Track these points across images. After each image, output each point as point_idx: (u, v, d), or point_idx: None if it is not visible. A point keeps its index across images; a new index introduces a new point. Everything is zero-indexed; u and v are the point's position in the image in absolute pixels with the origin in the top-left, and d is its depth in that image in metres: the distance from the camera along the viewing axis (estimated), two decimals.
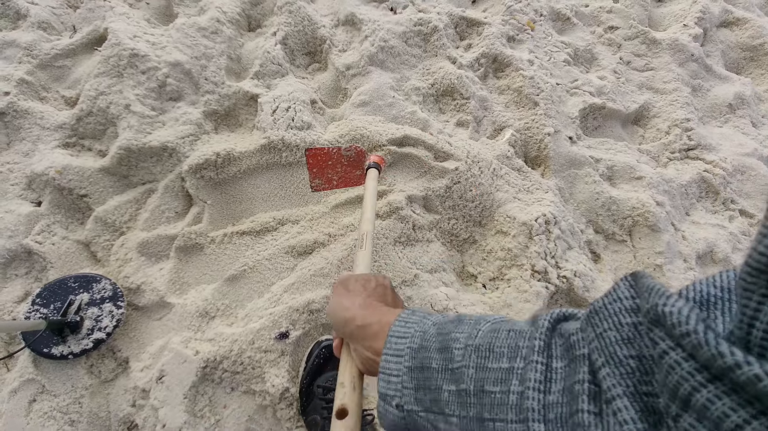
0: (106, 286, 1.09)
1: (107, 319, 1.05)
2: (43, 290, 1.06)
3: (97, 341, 1.03)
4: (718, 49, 1.94)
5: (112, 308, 1.06)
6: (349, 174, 1.15)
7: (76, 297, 1.06)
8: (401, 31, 1.59)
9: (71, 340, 1.01)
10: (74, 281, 1.08)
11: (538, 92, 1.53)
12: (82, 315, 1.04)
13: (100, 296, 1.07)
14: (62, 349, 1.00)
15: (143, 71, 1.33)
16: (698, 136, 1.57)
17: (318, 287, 1.09)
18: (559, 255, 1.21)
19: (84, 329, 1.03)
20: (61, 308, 1.03)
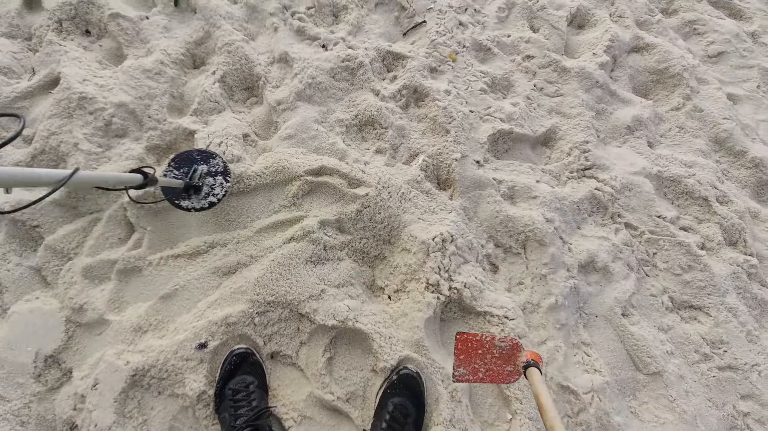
0: (219, 163, 1.39)
1: (218, 188, 1.36)
2: (176, 156, 1.38)
3: (210, 203, 1.34)
4: (627, 73, 2.14)
5: (222, 181, 1.37)
6: (500, 368, 1.03)
7: (198, 167, 1.36)
8: (329, 67, 1.77)
9: (194, 199, 1.34)
10: (197, 154, 1.40)
11: (450, 120, 1.72)
12: (203, 182, 1.34)
13: (215, 169, 1.38)
14: (187, 204, 1.33)
15: (91, 112, 1.50)
16: (594, 156, 1.77)
17: (236, 302, 1.27)
18: (453, 269, 1.40)
19: (202, 192, 1.34)
20: (188, 173, 1.33)
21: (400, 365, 1.26)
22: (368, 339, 1.28)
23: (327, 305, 1.30)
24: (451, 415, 1.20)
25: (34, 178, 0.67)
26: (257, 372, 1.21)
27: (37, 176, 0.68)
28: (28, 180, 0.66)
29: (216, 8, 1.78)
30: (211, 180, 1.36)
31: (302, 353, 1.29)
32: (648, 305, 1.55)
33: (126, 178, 0.97)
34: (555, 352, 1.35)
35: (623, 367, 1.42)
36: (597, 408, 1.28)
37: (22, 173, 0.65)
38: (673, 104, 2.08)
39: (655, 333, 1.49)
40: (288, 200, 1.48)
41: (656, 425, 1.34)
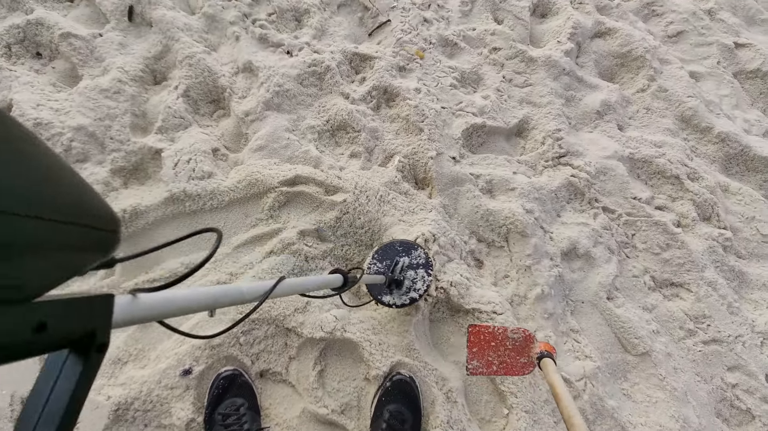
0: (421, 254, 1.30)
1: (420, 282, 1.26)
2: (380, 249, 1.30)
3: (412, 299, 1.24)
4: (592, 59, 2.17)
5: (424, 274, 1.28)
6: (513, 360, 1.04)
7: (400, 260, 1.27)
8: (296, 74, 1.74)
9: (395, 294, 1.25)
10: (399, 245, 1.31)
11: (423, 119, 1.71)
12: (404, 276, 1.26)
13: (416, 262, 1.29)
14: (389, 299, 1.24)
15: (48, 138, 1.43)
16: (567, 144, 1.78)
17: (218, 324, 1.23)
18: (438, 269, 1.39)
19: (404, 287, 1.25)
20: (390, 266, 1.25)
21: (393, 371, 1.24)
22: (358, 347, 1.26)
23: (313, 317, 1.27)
24: (448, 416, 1.19)
25: (236, 295, 0.59)
26: (247, 393, 1.17)
27: (239, 293, 0.60)
28: (231, 299, 0.58)
29: (173, 20, 1.72)
30: (413, 273, 1.27)
31: (292, 368, 1.26)
32: (631, 286, 1.58)
33: (328, 280, 0.88)
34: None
35: (612, 350, 1.44)
36: (591, 394, 1.28)
37: (226, 293, 0.57)
38: (639, 86, 2.12)
39: (640, 313, 1.51)
40: (264, 213, 1.44)
41: (649, 404, 1.36)
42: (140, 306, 0.42)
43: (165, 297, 0.45)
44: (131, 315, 0.41)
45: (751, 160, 1.96)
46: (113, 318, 0.38)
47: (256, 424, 1.13)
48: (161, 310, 0.45)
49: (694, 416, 1.33)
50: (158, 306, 0.44)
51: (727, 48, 2.36)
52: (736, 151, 1.97)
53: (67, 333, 0.32)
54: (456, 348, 1.35)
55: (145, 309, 0.43)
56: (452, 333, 1.38)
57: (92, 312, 0.35)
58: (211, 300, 0.53)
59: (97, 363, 0.35)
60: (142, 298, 0.43)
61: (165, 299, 0.45)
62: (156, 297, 0.44)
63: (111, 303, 0.38)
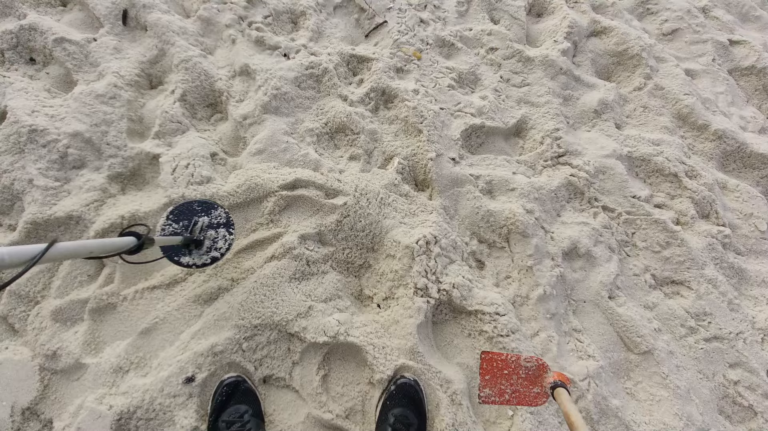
0: (221, 214, 1.25)
1: (221, 242, 1.22)
2: (174, 209, 1.23)
3: (213, 258, 1.19)
4: (588, 57, 2.17)
5: (225, 233, 1.23)
6: (527, 390, 1.00)
7: (199, 219, 1.22)
8: (293, 76, 1.73)
9: (195, 254, 1.19)
10: (198, 205, 1.25)
11: (422, 120, 1.70)
12: (204, 235, 1.21)
13: (217, 221, 1.24)
14: (188, 260, 1.18)
15: (43, 145, 1.41)
16: (566, 143, 1.79)
17: (221, 330, 1.22)
18: (440, 271, 1.38)
19: (204, 247, 1.20)
20: (188, 226, 1.20)
21: (397, 374, 1.23)
22: (362, 351, 1.25)
23: (316, 321, 1.26)
24: (453, 419, 1.18)
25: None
26: (251, 399, 1.17)
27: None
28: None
29: (168, 24, 1.71)
30: (213, 233, 1.22)
31: (296, 374, 1.25)
32: (632, 285, 1.58)
33: (117, 243, 0.83)
34: (548, 342, 1.36)
35: (615, 349, 1.44)
36: (594, 394, 1.29)
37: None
38: (635, 84, 2.13)
39: (642, 311, 1.51)
40: (264, 217, 1.43)
41: (652, 403, 1.36)
42: None
43: None
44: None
45: (748, 156, 1.97)
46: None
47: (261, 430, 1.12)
48: None
49: (697, 413, 1.34)
50: None
51: (722, 45, 2.37)
52: (733, 148, 1.98)
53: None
54: (460, 350, 1.35)
55: None
56: (455, 335, 1.38)
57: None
58: None
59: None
60: None
61: None
62: None
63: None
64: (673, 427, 1.30)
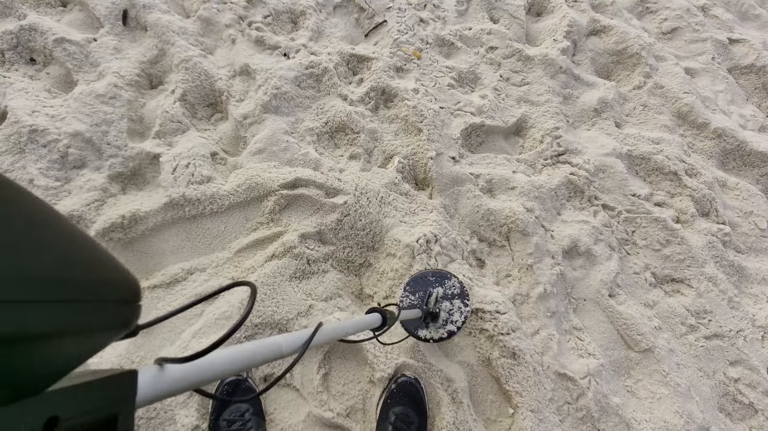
0: (455, 284, 1.24)
1: (457, 314, 1.20)
2: (411, 280, 1.24)
3: (450, 332, 1.18)
4: (588, 56, 2.18)
5: (461, 305, 1.21)
6: None
7: (434, 290, 1.21)
8: (293, 76, 1.73)
9: (431, 327, 1.18)
10: (432, 275, 1.25)
11: (422, 119, 1.70)
12: (440, 308, 1.20)
13: (451, 292, 1.23)
14: (425, 334, 1.18)
15: (44, 145, 1.42)
16: (566, 142, 1.79)
17: (222, 329, 1.22)
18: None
19: (440, 320, 1.19)
20: (424, 298, 1.19)
21: (398, 373, 1.24)
22: (362, 350, 1.25)
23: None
24: (454, 418, 1.19)
25: (274, 350, 0.52)
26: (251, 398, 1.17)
27: (277, 348, 0.53)
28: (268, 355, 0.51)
29: (168, 24, 1.71)
30: (448, 304, 1.21)
31: (296, 372, 1.25)
32: (632, 283, 1.58)
33: (367, 320, 0.83)
34: (549, 341, 1.36)
35: (615, 347, 1.44)
36: (595, 392, 1.29)
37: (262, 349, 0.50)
38: (635, 83, 2.13)
39: (642, 310, 1.51)
40: (265, 216, 1.43)
41: (653, 401, 1.36)
42: (168, 379, 0.37)
43: (196, 366, 0.41)
44: (159, 391, 0.36)
45: (748, 155, 1.97)
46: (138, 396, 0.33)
47: (261, 430, 1.12)
48: (192, 380, 0.40)
49: (698, 411, 1.34)
50: (190, 376, 0.39)
51: (722, 44, 2.38)
52: (733, 147, 1.98)
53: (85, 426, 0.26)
54: (461, 349, 1.35)
55: (175, 382, 0.37)
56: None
57: (113, 396, 0.29)
58: (246, 359, 0.48)
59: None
60: (171, 370, 0.38)
61: (196, 368, 0.41)
62: (187, 367, 0.40)
63: (134, 382, 0.32)
64: (673, 425, 1.30)
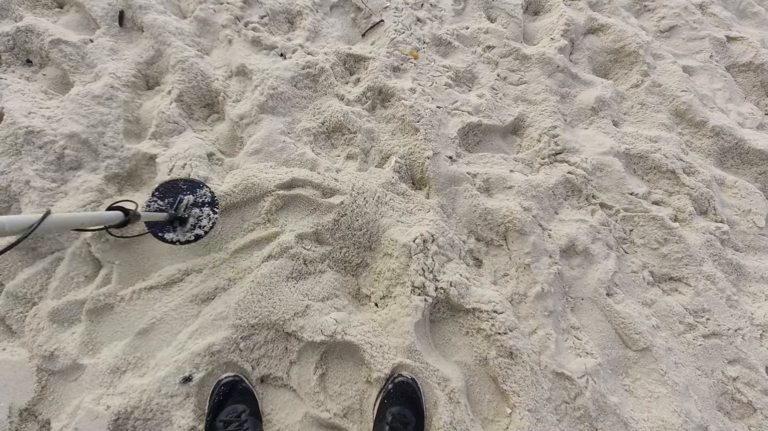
0: (207, 192, 1.29)
1: (205, 220, 1.26)
2: (160, 186, 1.26)
3: (197, 236, 1.24)
4: (585, 55, 2.17)
5: (210, 212, 1.27)
6: None
7: (185, 197, 1.26)
8: (290, 76, 1.73)
9: (179, 231, 1.23)
10: (183, 183, 1.29)
11: (419, 119, 1.70)
12: (189, 213, 1.24)
13: (202, 200, 1.28)
14: (172, 236, 1.23)
15: (40, 146, 1.41)
16: (563, 140, 1.78)
17: (218, 330, 1.22)
18: (437, 269, 1.38)
19: (188, 224, 1.24)
20: (173, 203, 1.24)
21: (395, 373, 1.23)
22: (359, 350, 1.25)
23: (313, 321, 1.26)
24: (451, 417, 1.18)
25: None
26: (248, 399, 1.16)
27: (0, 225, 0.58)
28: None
29: (164, 25, 1.71)
30: (198, 211, 1.26)
31: (293, 373, 1.25)
32: (630, 282, 1.58)
33: (105, 216, 0.88)
34: (546, 340, 1.36)
35: (613, 346, 1.44)
36: (593, 391, 1.28)
37: None
38: (633, 81, 2.12)
39: (640, 308, 1.51)
40: (262, 217, 1.43)
41: (651, 400, 1.36)
42: None
43: None
44: None
45: (746, 153, 1.97)
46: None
47: (258, 430, 1.12)
48: None
49: (696, 410, 1.34)
50: None
51: (720, 42, 2.37)
52: (731, 145, 1.97)
53: None
54: (458, 348, 1.35)
55: None
56: (453, 334, 1.38)
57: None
58: None
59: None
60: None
61: None
62: None
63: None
64: (671, 424, 1.30)
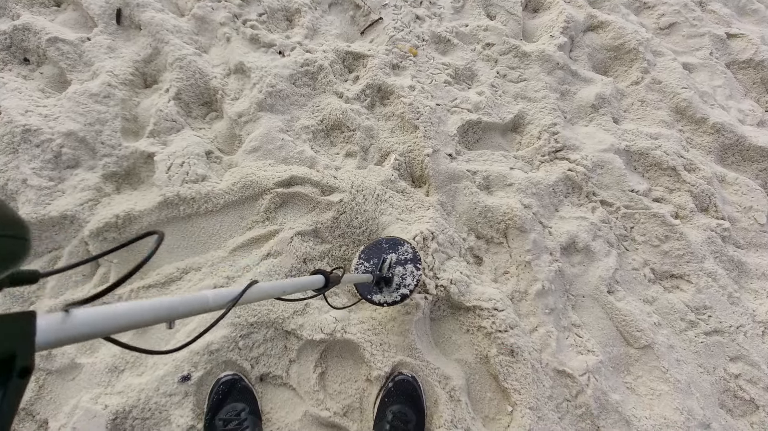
0: (408, 249, 1.26)
1: (409, 278, 1.22)
2: (366, 248, 1.29)
3: (403, 296, 1.20)
4: (585, 52, 2.16)
5: (413, 269, 1.23)
6: None
7: (387, 257, 1.24)
8: (288, 74, 1.72)
9: (385, 292, 1.21)
10: (386, 242, 1.28)
11: (418, 116, 1.69)
12: (393, 272, 1.22)
13: (404, 257, 1.25)
14: (379, 298, 1.20)
15: (37, 144, 1.41)
16: (564, 138, 1.78)
17: (217, 328, 1.21)
18: (437, 267, 1.37)
19: (393, 284, 1.21)
20: (378, 264, 1.22)
21: (395, 371, 1.22)
22: (359, 348, 1.24)
23: (313, 319, 1.25)
24: (452, 416, 1.18)
25: (201, 303, 0.53)
26: (247, 398, 1.16)
27: (204, 301, 0.54)
28: (192, 308, 0.52)
29: (162, 23, 1.70)
30: (401, 269, 1.23)
31: (293, 371, 1.24)
32: (631, 279, 1.57)
33: (308, 281, 0.82)
34: (547, 338, 1.35)
35: (615, 344, 1.43)
36: (594, 389, 1.28)
37: (187, 302, 0.51)
38: (633, 79, 2.12)
39: (641, 306, 1.50)
40: (260, 215, 1.42)
41: (653, 397, 1.35)
42: (75, 323, 0.37)
43: (105, 311, 0.40)
44: (64, 334, 0.37)
45: (747, 149, 1.96)
46: (39, 338, 0.34)
47: (258, 429, 1.11)
48: (103, 327, 0.40)
49: (698, 407, 1.33)
50: (98, 322, 0.39)
51: (719, 39, 2.36)
52: (732, 142, 1.97)
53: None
54: (458, 346, 1.34)
55: (82, 326, 0.38)
56: (453, 332, 1.37)
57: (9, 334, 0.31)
58: (165, 311, 0.48)
59: (20, 388, 0.32)
60: (77, 315, 0.38)
61: (106, 314, 0.40)
62: (94, 312, 0.39)
63: (33, 323, 0.34)
64: (673, 421, 1.29)
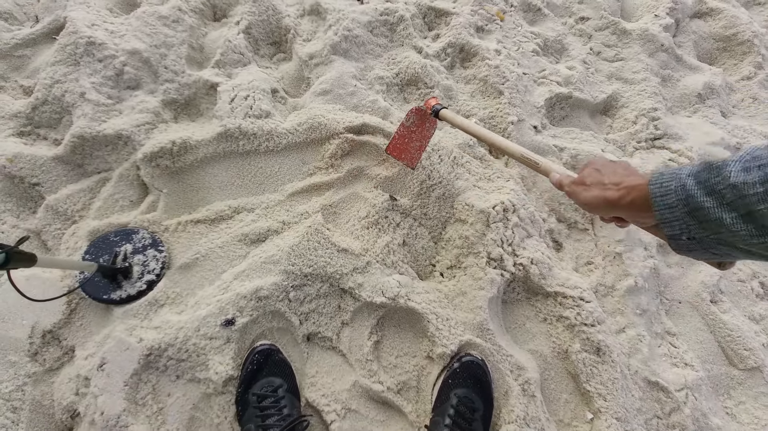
0: (145, 235, 1.15)
1: (153, 262, 1.11)
2: (90, 247, 1.12)
3: (149, 282, 1.09)
4: (691, 39, 1.93)
5: (155, 253, 1.12)
6: (423, 130, 1.23)
7: (120, 249, 1.12)
8: (366, 20, 1.58)
9: (126, 285, 1.08)
10: (115, 235, 1.14)
11: (504, 81, 1.52)
12: (130, 262, 1.10)
13: (141, 244, 1.13)
14: (120, 293, 1.06)
15: (100, 59, 1.31)
16: (665, 125, 1.56)
17: (267, 274, 1.07)
18: (517, 243, 1.20)
19: (135, 274, 1.09)
20: (110, 259, 1.09)
21: (462, 351, 1.06)
22: (422, 320, 1.08)
23: (374, 279, 1.10)
24: (525, 412, 1.00)
25: None
26: (285, 372, 1.00)
27: None
28: None
29: None
30: (141, 257, 1.11)
31: (344, 335, 1.09)
32: (736, 291, 1.35)
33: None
34: (638, 342, 1.15)
35: (715, 361, 1.22)
36: (693, 409, 1.07)
37: None
38: (744, 73, 1.87)
39: (748, 323, 1.28)
40: (324, 161, 1.28)
41: (757, 428, 1.14)
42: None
43: None
44: None
45: None
46: None
47: (296, 410, 0.95)
48: None
49: None
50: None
51: None
52: None
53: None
54: (532, 336, 1.16)
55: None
56: (528, 319, 1.19)
57: None
58: None
59: None
60: None
61: None
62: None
63: None
64: None
